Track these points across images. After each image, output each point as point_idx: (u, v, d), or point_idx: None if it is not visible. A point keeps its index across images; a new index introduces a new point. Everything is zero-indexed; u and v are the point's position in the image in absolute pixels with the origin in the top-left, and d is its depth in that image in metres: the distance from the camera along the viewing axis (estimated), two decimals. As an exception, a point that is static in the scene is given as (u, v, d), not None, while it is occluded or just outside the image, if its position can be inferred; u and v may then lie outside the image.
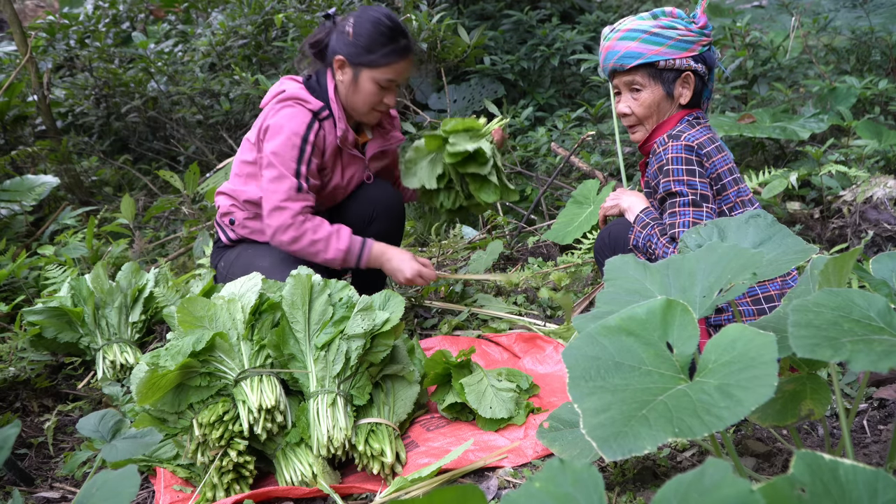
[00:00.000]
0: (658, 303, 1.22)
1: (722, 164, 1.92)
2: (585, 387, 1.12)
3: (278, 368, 1.84)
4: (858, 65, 4.23)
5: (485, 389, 1.96)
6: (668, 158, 1.90)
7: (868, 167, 3.02)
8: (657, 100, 1.98)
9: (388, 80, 2.30)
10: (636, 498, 1.57)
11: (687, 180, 1.87)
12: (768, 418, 1.30)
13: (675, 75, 1.96)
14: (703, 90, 2.03)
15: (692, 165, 1.87)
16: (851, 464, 0.82)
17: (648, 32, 1.94)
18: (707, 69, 1.99)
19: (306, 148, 2.29)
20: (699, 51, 1.96)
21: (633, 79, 1.98)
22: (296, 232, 2.27)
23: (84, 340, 2.50)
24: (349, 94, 2.35)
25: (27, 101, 4.89)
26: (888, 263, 1.37)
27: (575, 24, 4.89)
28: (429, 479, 1.68)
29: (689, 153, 1.88)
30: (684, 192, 1.87)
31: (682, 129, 1.94)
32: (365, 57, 2.28)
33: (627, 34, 1.96)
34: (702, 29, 1.97)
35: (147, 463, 1.86)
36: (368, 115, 2.39)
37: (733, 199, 1.92)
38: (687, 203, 1.86)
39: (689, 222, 1.85)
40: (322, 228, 2.29)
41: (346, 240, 2.31)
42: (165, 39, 5.87)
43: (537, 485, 0.84)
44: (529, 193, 3.94)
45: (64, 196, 4.58)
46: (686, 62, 1.95)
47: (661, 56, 1.93)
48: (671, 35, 1.94)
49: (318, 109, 2.33)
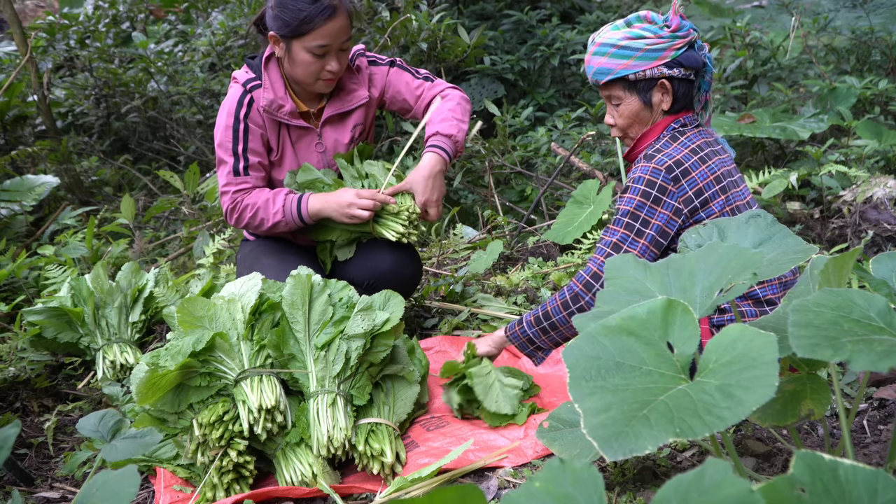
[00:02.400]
0: (659, 302, 1.22)
1: (704, 177, 1.87)
2: (586, 386, 1.12)
3: (278, 368, 1.84)
4: (858, 65, 4.23)
5: (492, 383, 1.96)
6: (633, 177, 1.90)
7: (868, 167, 3.02)
8: (636, 110, 1.98)
9: (320, 45, 2.15)
10: (636, 498, 1.57)
11: (638, 203, 1.86)
12: (768, 418, 1.30)
13: (650, 84, 1.94)
14: (689, 92, 1.99)
15: (651, 191, 1.85)
16: (851, 464, 0.82)
17: (616, 46, 1.92)
18: (689, 69, 1.94)
19: (239, 126, 2.24)
20: (672, 56, 1.91)
21: (610, 92, 2.00)
22: (238, 212, 2.27)
23: (84, 340, 2.50)
24: (290, 69, 2.24)
25: (27, 101, 4.89)
26: (888, 263, 1.37)
27: (575, 24, 4.89)
28: (429, 479, 1.68)
29: (655, 177, 1.85)
30: (626, 212, 1.87)
31: (661, 147, 1.91)
32: (289, 28, 2.15)
33: (599, 49, 1.96)
34: (674, 32, 1.92)
35: (147, 463, 1.86)
36: (316, 84, 2.26)
37: (718, 209, 1.87)
38: (619, 223, 1.88)
39: (609, 242, 1.88)
40: (258, 198, 2.25)
41: (280, 202, 2.25)
42: (165, 39, 5.87)
43: (537, 485, 0.84)
44: (529, 193, 3.94)
45: (64, 196, 4.58)
46: (657, 71, 1.92)
47: (630, 70, 1.92)
48: (638, 46, 1.91)
49: (246, 80, 2.27)
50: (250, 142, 2.27)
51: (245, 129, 2.26)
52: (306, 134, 2.36)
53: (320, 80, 2.24)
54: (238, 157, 2.26)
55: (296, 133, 2.35)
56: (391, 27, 3.85)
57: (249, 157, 2.27)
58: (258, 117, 2.28)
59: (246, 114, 2.26)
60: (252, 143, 2.27)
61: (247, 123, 2.26)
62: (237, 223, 2.31)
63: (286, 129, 2.34)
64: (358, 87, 2.38)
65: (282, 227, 2.29)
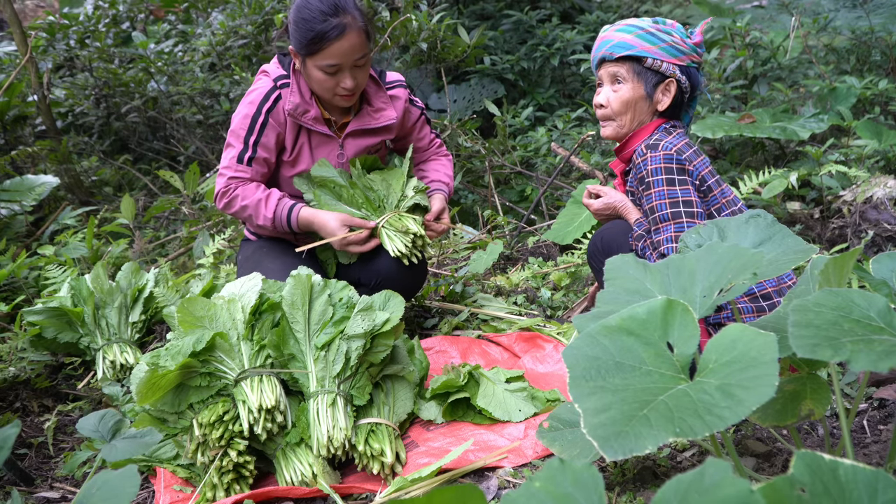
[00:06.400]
0: (658, 303, 1.22)
1: (703, 167, 1.95)
2: (586, 386, 1.12)
3: (278, 368, 1.84)
4: (858, 65, 4.22)
5: (503, 397, 1.97)
6: (648, 170, 1.93)
7: (868, 167, 3.02)
8: (636, 98, 2.01)
9: (330, 65, 2.13)
10: (636, 498, 1.57)
11: (667, 191, 1.90)
12: (768, 418, 1.30)
13: (659, 79, 1.99)
14: (682, 106, 2.06)
15: (672, 174, 1.90)
16: (851, 464, 0.82)
17: (645, 30, 1.99)
18: (691, 87, 2.03)
19: (258, 118, 2.23)
20: (688, 63, 2.00)
21: (617, 70, 2.01)
22: (228, 198, 2.26)
23: (84, 340, 2.50)
24: (308, 83, 2.26)
25: (27, 101, 4.89)
26: (888, 263, 1.37)
27: (575, 24, 4.89)
28: (429, 479, 1.68)
29: (669, 162, 1.91)
30: (663, 205, 1.90)
31: (659, 138, 1.96)
32: (301, 46, 2.15)
33: (625, 27, 2.01)
34: (696, 46, 2.01)
35: (147, 463, 1.86)
36: (333, 99, 2.26)
37: (720, 199, 1.95)
38: (667, 217, 1.89)
39: (671, 237, 1.88)
40: (252, 195, 2.24)
41: (272, 207, 2.24)
42: (165, 39, 5.87)
43: (537, 484, 0.84)
44: (529, 193, 3.94)
45: (64, 196, 4.58)
46: (672, 68, 1.98)
47: (651, 54, 1.97)
48: (665, 38, 1.98)
49: (277, 77, 2.27)
50: (264, 136, 2.25)
51: (263, 123, 2.24)
52: (328, 142, 2.35)
53: (337, 96, 2.24)
54: (247, 146, 2.24)
55: (317, 139, 2.34)
56: (391, 27, 3.85)
57: (259, 150, 2.25)
58: (281, 115, 2.26)
59: (270, 108, 2.25)
60: (265, 139, 2.26)
61: (267, 118, 2.24)
62: (224, 208, 2.29)
63: (307, 133, 2.33)
64: (387, 107, 2.37)
65: (268, 230, 2.30)
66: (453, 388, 2.00)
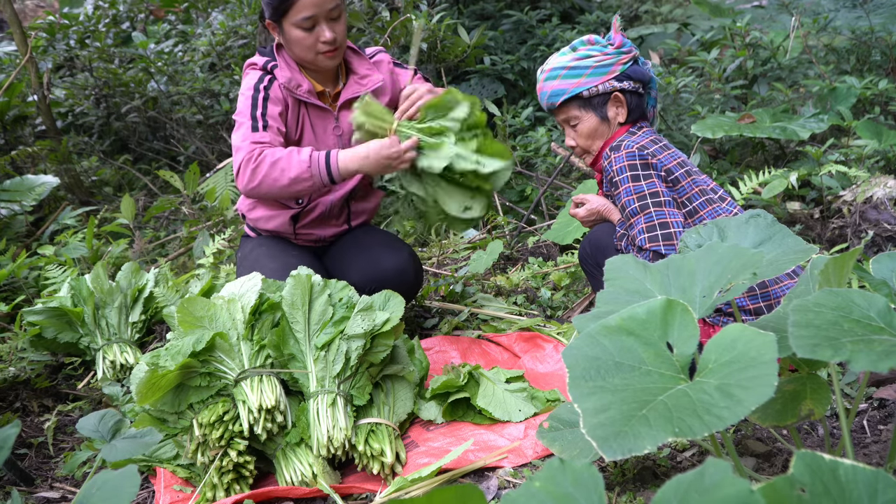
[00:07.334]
0: (658, 303, 1.22)
1: (670, 160, 2.00)
2: (585, 386, 1.12)
3: (278, 368, 1.84)
4: (858, 65, 4.22)
5: (503, 397, 1.97)
6: (614, 170, 2.01)
7: (868, 167, 3.02)
8: (594, 126, 2.10)
9: (305, 18, 2.15)
10: (636, 498, 1.57)
11: (633, 187, 1.97)
12: (768, 418, 1.30)
13: (604, 99, 2.08)
14: (641, 104, 2.12)
15: (636, 171, 1.97)
16: (851, 464, 0.82)
17: (566, 68, 2.07)
18: (638, 83, 2.09)
19: (259, 95, 2.22)
20: (620, 70, 2.07)
21: (566, 114, 2.12)
22: (255, 163, 2.11)
23: (84, 340, 2.50)
24: (291, 51, 2.26)
25: (27, 101, 4.89)
26: (888, 263, 1.37)
27: (575, 24, 4.89)
28: (429, 479, 1.68)
29: (632, 159, 1.98)
30: (631, 201, 1.97)
31: (622, 139, 2.05)
32: (274, 9, 2.18)
33: (550, 74, 2.09)
34: (619, 49, 2.07)
35: (147, 463, 1.86)
36: (317, 60, 2.24)
37: (690, 188, 2.00)
38: (636, 211, 1.96)
39: (643, 228, 1.95)
40: (279, 150, 2.13)
41: (307, 152, 2.12)
42: (165, 39, 5.87)
43: (537, 484, 0.84)
44: (529, 193, 3.94)
45: (64, 196, 4.58)
46: (608, 85, 2.06)
47: (583, 87, 2.06)
48: (588, 63, 2.06)
49: (264, 63, 2.29)
50: (269, 109, 2.22)
51: (265, 98, 2.23)
52: (324, 116, 2.35)
53: (319, 55, 2.23)
54: (256, 119, 2.20)
55: (314, 113, 2.34)
56: (391, 27, 3.85)
57: (269, 120, 2.21)
58: (279, 92, 2.26)
59: (267, 86, 2.25)
60: (271, 112, 2.22)
61: (267, 93, 2.24)
62: (251, 178, 2.12)
63: (305, 108, 2.32)
64: (372, 72, 2.37)
65: (303, 181, 2.12)
66: (453, 388, 2.00)
